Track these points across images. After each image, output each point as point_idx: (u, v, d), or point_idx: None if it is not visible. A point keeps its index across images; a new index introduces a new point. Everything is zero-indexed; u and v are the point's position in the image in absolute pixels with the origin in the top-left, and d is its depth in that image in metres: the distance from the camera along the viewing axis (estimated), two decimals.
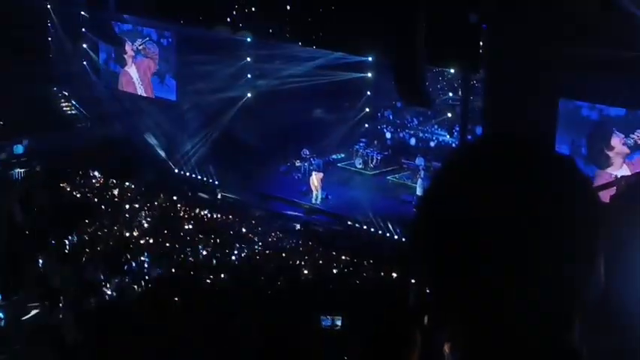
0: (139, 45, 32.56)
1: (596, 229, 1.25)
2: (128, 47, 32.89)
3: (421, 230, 1.32)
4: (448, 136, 28.61)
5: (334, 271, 21.76)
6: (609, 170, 21.35)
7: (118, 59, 33.54)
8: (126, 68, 33.36)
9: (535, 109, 21.55)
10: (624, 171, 20.85)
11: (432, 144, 29.54)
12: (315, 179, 27.08)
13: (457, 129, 27.68)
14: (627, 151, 21.45)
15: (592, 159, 21.79)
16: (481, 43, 22.98)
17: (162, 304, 18.95)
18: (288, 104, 28.48)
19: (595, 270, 1.25)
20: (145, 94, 33.04)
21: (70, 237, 22.80)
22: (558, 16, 19.47)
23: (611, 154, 21.62)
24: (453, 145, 28.34)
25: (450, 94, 26.88)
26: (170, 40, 32.19)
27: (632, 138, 21.31)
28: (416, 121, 30.17)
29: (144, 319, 18.46)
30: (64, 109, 34.08)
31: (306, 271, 21.76)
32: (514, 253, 1.20)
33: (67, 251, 21.86)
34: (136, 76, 33.14)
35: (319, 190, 26.95)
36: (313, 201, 26.90)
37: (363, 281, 19.98)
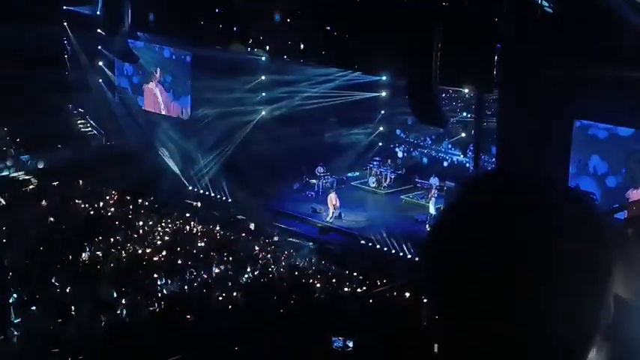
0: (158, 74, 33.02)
1: (607, 267, 1.26)
2: (149, 65, 33.17)
3: (430, 264, 1.33)
4: (462, 156, 28.59)
5: (347, 290, 21.73)
6: None
7: (143, 78, 33.88)
8: (150, 87, 33.61)
9: (549, 130, 21.53)
10: None
11: (446, 163, 29.53)
12: (334, 198, 27.09)
13: (471, 149, 27.65)
14: None
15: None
16: (496, 64, 23.08)
17: (174, 322, 18.98)
18: (302, 122, 28.57)
19: (604, 304, 1.26)
20: (167, 114, 33.28)
21: (83, 254, 22.89)
22: (574, 37, 19.50)
23: None
24: (467, 164, 28.28)
25: (465, 114, 26.88)
26: (186, 58, 32.36)
27: None
28: (430, 141, 30.19)
29: (156, 336, 18.49)
30: (80, 125, 34.27)
31: (318, 291, 21.74)
32: (519, 290, 1.21)
33: (80, 268, 21.92)
34: (160, 97, 33.37)
35: (336, 209, 26.96)
36: (327, 219, 26.84)
37: (376, 301, 19.92)
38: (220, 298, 20.61)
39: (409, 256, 24.00)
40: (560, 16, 19.67)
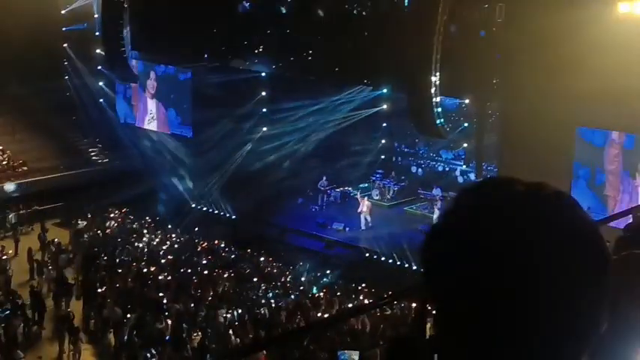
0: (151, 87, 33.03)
1: (604, 278, 1.26)
2: (150, 83, 33.18)
3: (425, 267, 1.34)
4: (464, 166, 28.57)
5: (353, 302, 21.68)
6: None
7: (135, 95, 33.89)
8: (144, 103, 33.66)
9: (552, 137, 21.54)
10: None
11: (448, 174, 29.49)
12: (365, 206, 27.23)
13: (473, 159, 27.63)
14: None
15: None
16: (496, 73, 23.15)
17: (181, 340, 18.95)
18: (304, 137, 28.63)
19: (601, 308, 1.26)
20: (159, 130, 33.30)
21: (89, 274, 22.89)
22: (573, 45, 19.60)
23: None
24: (470, 174, 28.26)
25: (466, 125, 26.89)
26: (186, 75, 32.40)
27: None
28: (432, 152, 30.16)
29: (163, 354, 18.47)
30: (81, 145, 34.28)
31: (324, 304, 21.71)
32: (519, 300, 1.22)
33: (86, 288, 21.92)
34: (154, 112, 33.43)
35: (369, 216, 27.10)
36: (362, 227, 27.01)
37: (382, 313, 19.88)
38: (227, 315, 20.56)
39: (414, 267, 23.95)
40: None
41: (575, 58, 19.66)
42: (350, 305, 21.31)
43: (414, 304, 20.18)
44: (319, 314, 20.76)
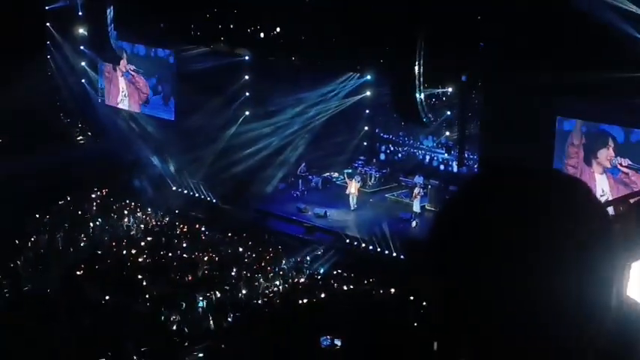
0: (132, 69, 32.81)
1: (612, 253, 1.25)
2: (122, 63, 33.01)
3: (435, 254, 1.32)
4: (446, 154, 28.63)
5: (334, 287, 21.75)
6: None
7: (111, 74, 33.77)
8: (115, 82, 33.52)
9: (533, 126, 21.67)
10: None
11: (430, 162, 29.57)
12: (353, 187, 27.39)
13: (455, 147, 27.70)
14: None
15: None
16: (479, 62, 23.20)
17: (159, 323, 18.93)
18: (286, 122, 28.59)
19: (611, 296, 1.25)
20: (129, 109, 33.16)
21: (68, 255, 22.80)
22: (555, 39, 19.68)
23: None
24: (451, 163, 28.35)
25: (448, 113, 26.94)
26: (170, 59, 32.24)
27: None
28: (413, 140, 30.20)
29: (142, 337, 18.44)
30: (64, 125, 34.05)
31: (304, 289, 21.74)
32: (529, 279, 1.21)
33: (65, 270, 21.81)
34: (124, 90, 33.29)
35: (356, 198, 27.29)
36: (351, 207, 27.28)
37: (363, 299, 19.94)
38: (205, 300, 20.56)
39: (394, 254, 24.03)
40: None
41: (557, 47, 19.78)
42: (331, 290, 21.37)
43: (392, 290, 20.33)
44: (300, 300, 20.81)
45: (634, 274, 2.26)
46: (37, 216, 25.84)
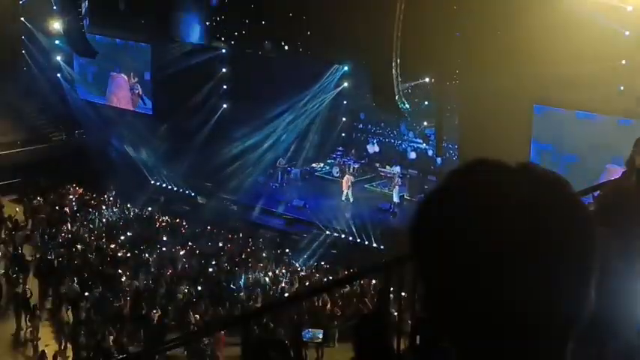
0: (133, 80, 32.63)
1: (592, 251, 1.27)
2: (132, 80, 32.79)
3: (422, 250, 1.33)
4: (424, 144, 28.70)
5: (315, 278, 21.80)
6: None
7: (102, 75, 33.53)
8: (124, 91, 33.28)
9: (510, 115, 21.77)
10: None
11: (409, 152, 29.60)
12: (346, 181, 27.48)
13: (433, 137, 27.78)
14: None
15: None
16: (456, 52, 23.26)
17: (140, 317, 18.90)
18: (265, 115, 28.52)
19: (589, 293, 1.27)
20: (134, 109, 32.94)
21: (47, 251, 22.67)
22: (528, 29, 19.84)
23: None
24: (430, 152, 28.42)
25: (426, 103, 26.99)
26: (146, 52, 32.05)
27: None
28: (392, 130, 30.22)
29: (122, 331, 18.41)
30: (39, 121, 33.79)
31: (284, 282, 21.77)
32: (509, 274, 1.22)
33: (43, 266, 21.69)
34: (113, 88, 33.10)
35: (349, 190, 27.29)
36: (343, 199, 27.28)
37: (343, 290, 19.98)
38: (185, 292, 20.56)
39: (374, 245, 24.09)
40: None
41: (531, 38, 19.91)
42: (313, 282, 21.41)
43: (373, 282, 20.38)
44: (281, 292, 20.85)
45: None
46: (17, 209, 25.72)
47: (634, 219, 3.08)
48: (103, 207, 27.37)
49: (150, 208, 27.59)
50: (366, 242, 24.34)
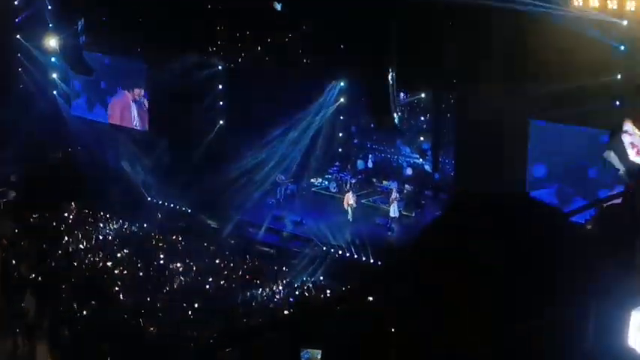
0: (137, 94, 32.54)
1: (584, 278, 1.28)
2: (137, 92, 32.77)
3: (414, 278, 1.35)
4: (421, 160, 28.74)
5: (311, 295, 21.75)
6: None
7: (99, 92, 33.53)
8: (129, 102, 33.18)
9: (506, 130, 21.82)
10: None
11: (405, 167, 29.63)
12: (349, 199, 27.20)
13: (430, 152, 27.83)
14: None
15: None
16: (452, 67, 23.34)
17: (136, 334, 18.85)
18: (262, 130, 28.52)
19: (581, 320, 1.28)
20: (140, 128, 32.86)
21: (43, 268, 22.62)
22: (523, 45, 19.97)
23: None
24: (426, 167, 28.45)
25: (422, 118, 27.05)
26: (142, 69, 32.06)
27: None
28: (388, 145, 30.24)
29: (119, 349, 18.35)
30: (35, 138, 33.73)
31: (279, 296, 21.74)
32: (502, 302, 1.23)
33: (40, 283, 21.63)
34: (135, 113, 32.95)
35: (353, 209, 27.07)
36: (350, 219, 26.91)
37: (342, 307, 19.90)
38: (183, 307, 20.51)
39: (371, 260, 24.06)
40: None
41: (526, 53, 20.01)
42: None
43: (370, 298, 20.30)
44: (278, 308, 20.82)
45: (634, 322, 2.32)
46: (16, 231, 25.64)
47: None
48: (100, 224, 27.31)
49: (146, 225, 27.51)
50: (364, 258, 24.30)
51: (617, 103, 19.84)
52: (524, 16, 19.78)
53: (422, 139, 27.85)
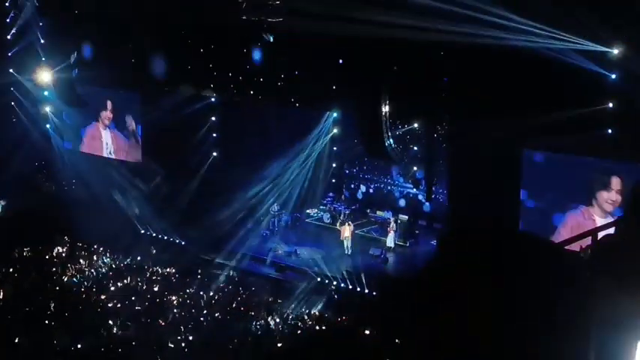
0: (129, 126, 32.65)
1: (583, 310, 1.29)
2: (105, 114, 32.89)
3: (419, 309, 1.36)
4: (415, 189, 28.80)
5: (307, 327, 21.65)
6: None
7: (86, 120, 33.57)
8: (98, 130, 33.27)
9: (499, 161, 21.88)
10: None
11: (400, 197, 29.70)
12: (347, 231, 27.05)
13: (424, 182, 27.88)
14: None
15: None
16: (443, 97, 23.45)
17: None
18: (255, 162, 28.56)
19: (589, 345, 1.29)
20: (113, 157, 32.96)
21: (37, 303, 22.48)
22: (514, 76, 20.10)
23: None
24: (420, 197, 28.50)
25: (415, 148, 27.14)
26: (135, 101, 32.16)
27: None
28: (382, 176, 30.34)
29: None
30: (27, 171, 33.71)
31: (274, 328, 21.62)
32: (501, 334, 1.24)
33: (34, 317, 21.49)
34: (108, 141, 33.04)
35: (350, 241, 26.91)
36: (346, 252, 26.76)
37: (337, 339, 19.85)
38: (173, 344, 20.37)
39: (366, 291, 24.00)
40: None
41: (518, 83, 20.14)
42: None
43: (367, 332, 20.24)
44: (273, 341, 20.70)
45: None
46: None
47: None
48: (94, 257, 27.20)
49: (139, 258, 27.41)
50: (358, 289, 24.24)
51: (610, 131, 19.95)
52: (515, 49, 19.94)
53: (415, 168, 27.94)
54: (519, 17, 19.83)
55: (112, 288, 24.52)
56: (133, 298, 23.56)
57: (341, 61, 24.43)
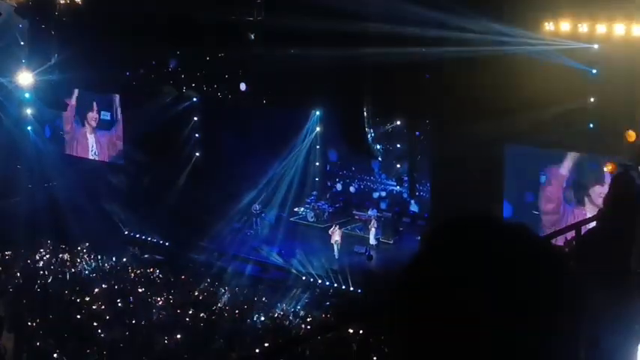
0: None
1: (572, 308, 1.29)
2: (91, 115, 32.79)
3: (401, 310, 1.35)
4: (398, 187, 28.82)
5: (292, 323, 21.65)
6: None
7: (70, 126, 33.46)
8: (84, 133, 33.17)
9: (481, 156, 21.92)
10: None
11: (383, 194, 29.70)
12: (337, 235, 26.88)
13: (406, 179, 27.94)
14: None
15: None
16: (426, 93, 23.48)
17: None
18: (238, 161, 28.50)
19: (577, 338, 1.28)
20: (98, 159, 32.90)
21: (20, 306, 22.37)
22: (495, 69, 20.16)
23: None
24: (403, 194, 28.54)
25: (398, 145, 27.16)
26: (117, 103, 32.06)
27: None
28: (365, 173, 30.34)
29: None
30: (9, 174, 33.51)
31: (260, 327, 21.60)
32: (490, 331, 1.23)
33: (17, 321, 21.37)
34: (92, 144, 32.94)
35: (339, 245, 26.73)
36: (336, 256, 26.54)
37: (323, 337, 19.83)
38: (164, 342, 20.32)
39: (351, 289, 24.02)
40: None
41: (500, 80, 20.20)
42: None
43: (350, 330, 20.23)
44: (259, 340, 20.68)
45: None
46: None
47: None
48: (77, 259, 27.06)
49: (124, 259, 27.30)
50: (344, 286, 24.25)
51: (591, 126, 20.04)
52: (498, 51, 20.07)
53: (398, 165, 27.95)
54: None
55: (96, 290, 24.40)
56: (118, 300, 23.46)
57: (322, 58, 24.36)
